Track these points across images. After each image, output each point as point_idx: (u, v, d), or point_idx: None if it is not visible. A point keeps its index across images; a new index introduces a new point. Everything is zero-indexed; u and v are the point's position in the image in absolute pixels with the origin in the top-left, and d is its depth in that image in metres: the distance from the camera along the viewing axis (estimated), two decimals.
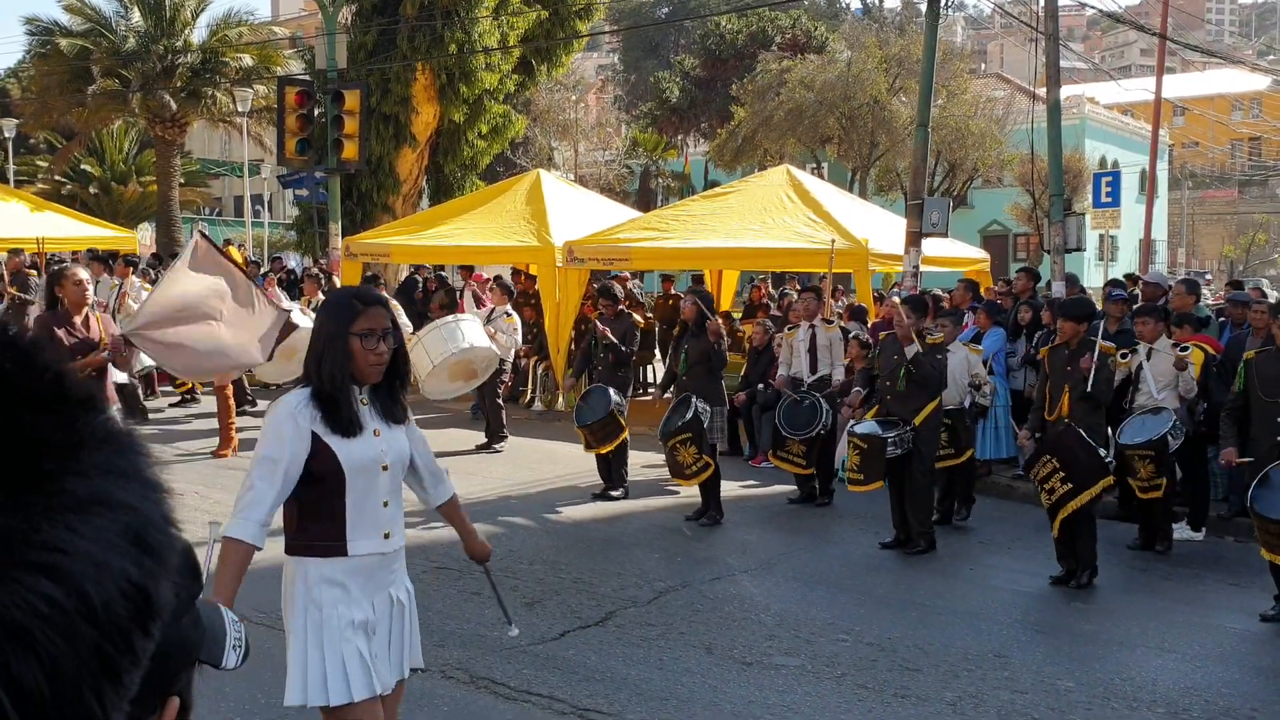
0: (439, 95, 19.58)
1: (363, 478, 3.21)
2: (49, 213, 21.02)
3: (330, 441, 3.17)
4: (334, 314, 3.24)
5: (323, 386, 3.18)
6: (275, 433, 3.17)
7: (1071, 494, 7.24)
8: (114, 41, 26.35)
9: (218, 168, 40.42)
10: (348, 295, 3.31)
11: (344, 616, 3.18)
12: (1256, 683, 5.90)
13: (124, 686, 0.46)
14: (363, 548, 3.22)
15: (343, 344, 3.16)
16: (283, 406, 3.21)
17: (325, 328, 3.22)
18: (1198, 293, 10.60)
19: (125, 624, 0.46)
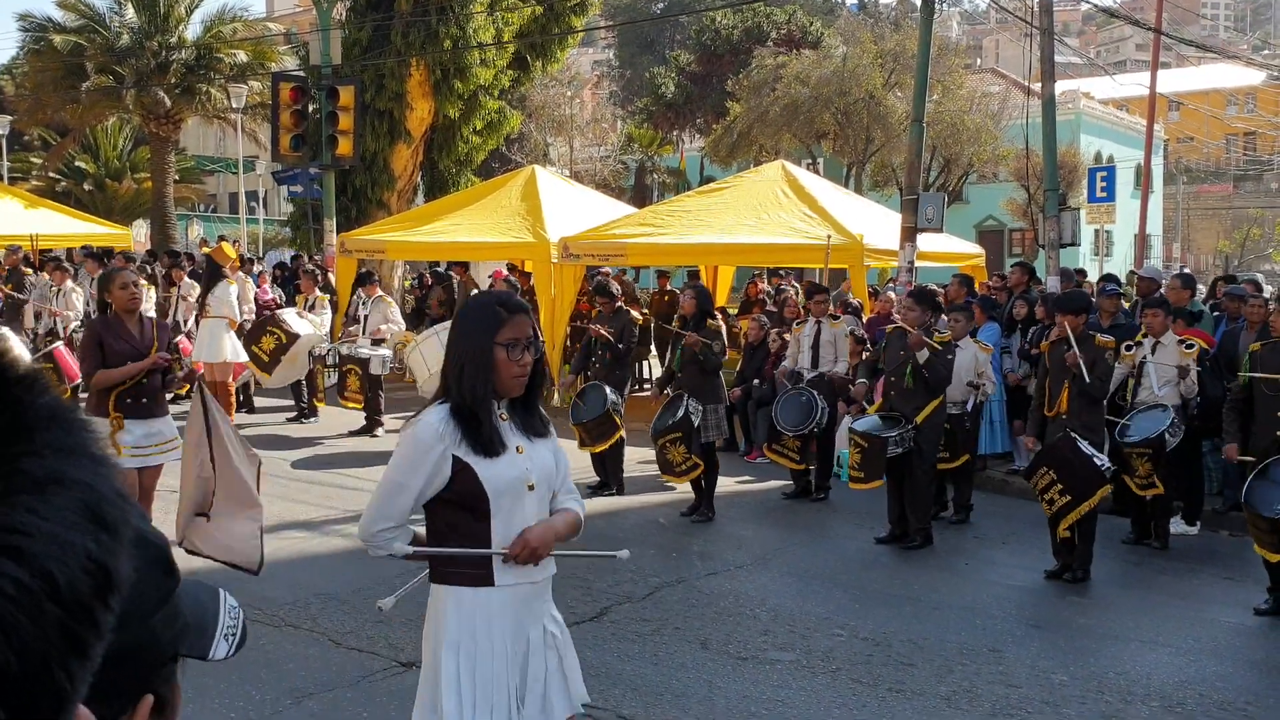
0: (434, 91, 19.55)
1: (508, 500, 2.95)
2: (43, 210, 21.00)
3: (472, 462, 2.91)
4: (476, 322, 2.97)
5: (464, 402, 2.92)
6: (410, 458, 2.93)
7: (1071, 505, 7.26)
8: (108, 38, 26.29)
9: (212, 164, 40.33)
10: (490, 302, 3.03)
11: (495, 651, 2.94)
12: (1251, 676, 5.92)
13: (89, 659, 0.47)
14: (511, 576, 2.97)
15: (487, 355, 2.92)
16: (422, 429, 2.93)
17: (467, 337, 2.96)
18: (1193, 287, 10.62)
19: (88, 600, 0.47)
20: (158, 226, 27.43)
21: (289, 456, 10.96)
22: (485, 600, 2.97)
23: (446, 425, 2.91)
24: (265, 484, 6.37)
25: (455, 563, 2.98)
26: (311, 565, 7.30)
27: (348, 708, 5.01)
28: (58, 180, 32.87)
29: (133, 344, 6.66)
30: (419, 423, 2.96)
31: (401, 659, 5.60)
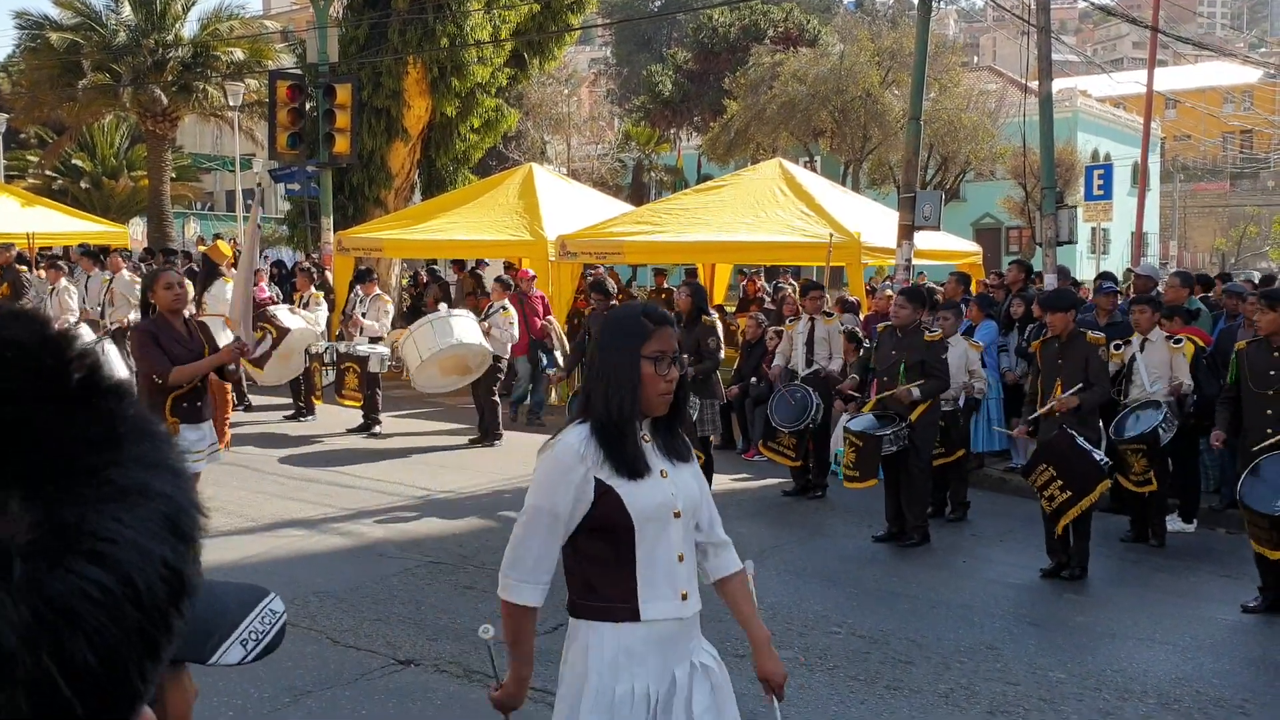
0: (431, 89, 19.52)
1: (653, 527, 2.72)
2: (40, 208, 20.97)
3: (615, 485, 2.68)
4: (622, 334, 2.76)
5: (608, 419, 2.70)
6: (551, 481, 2.71)
7: (1071, 501, 7.27)
8: (104, 36, 26.24)
9: (209, 162, 40.26)
10: (635, 313, 2.81)
11: (638, 694, 2.72)
12: (1247, 673, 5.93)
13: (160, 661, 0.50)
14: (657, 611, 2.74)
15: (634, 370, 2.70)
16: (561, 450, 2.72)
17: (612, 350, 2.74)
18: (1191, 285, 10.64)
19: (164, 605, 0.50)
20: (154, 224, 27.39)
21: (286, 454, 10.95)
22: (629, 637, 2.73)
23: (587, 445, 2.70)
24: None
25: (597, 594, 2.75)
26: (309, 564, 7.30)
27: (346, 706, 5.01)
28: (54, 178, 32.81)
29: (183, 345, 6.50)
30: (557, 444, 2.74)
31: (399, 657, 5.60)
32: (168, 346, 6.35)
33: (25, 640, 0.45)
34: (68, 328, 0.55)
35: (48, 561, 0.46)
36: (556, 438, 2.78)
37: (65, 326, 0.55)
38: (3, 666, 0.44)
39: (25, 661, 0.45)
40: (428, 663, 5.56)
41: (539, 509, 2.73)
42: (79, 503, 0.47)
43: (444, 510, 8.90)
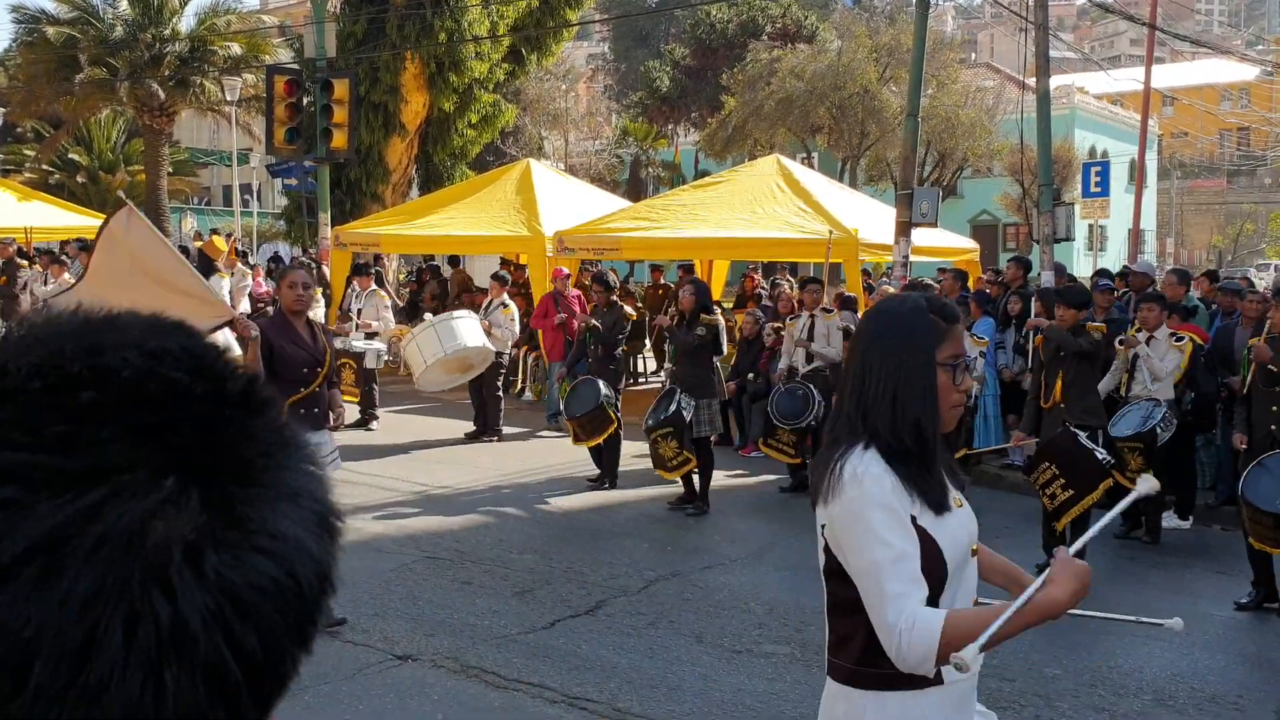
0: (428, 84, 19.51)
1: (958, 570, 2.24)
2: (36, 202, 20.93)
3: (926, 523, 2.19)
4: (910, 335, 2.26)
5: (901, 441, 2.20)
6: (883, 523, 2.15)
7: (1073, 500, 7.28)
8: (101, 30, 26.19)
9: (206, 157, 40.22)
10: (921, 308, 2.30)
11: None
12: (1242, 670, 5.95)
13: (309, 650, 0.55)
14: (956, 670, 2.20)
15: (929, 379, 2.23)
16: (873, 486, 2.16)
17: (900, 354, 2.24)
18: (1188, 283, 10.66)
19: (317, 598, 0.54)
20: (151, 219, 27.30)
21: None
22: (926, 706, 2.25)
23: (890, 475, 2.18)
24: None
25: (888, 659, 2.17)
26: None
27: (344, 701, 5.02)
28: (51, 172, 32.76)
29: (305, 348, 6.12)
30: (861, 480, 2.17)
31: (397, 652, 5.61)
32: (285, 349, 5.98)
33: (207, 626, 0.48)
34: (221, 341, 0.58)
35: (231, 554, 0.50)
36: (841, 473, 2.20)
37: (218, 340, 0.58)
38: (187, 648, 0.48)
39: (205, 645, 0.48)
40: (425, 658, 5.57)
41: (893, 555, 2.13)
42: (254, 501, 0.51)
43: (441, 506, 8.90)
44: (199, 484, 0.50)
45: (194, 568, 0.48)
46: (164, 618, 0.47)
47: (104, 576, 0.46)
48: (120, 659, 0.46)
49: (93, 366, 0.50)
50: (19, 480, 0.47)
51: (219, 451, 0.51)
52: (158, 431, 0.50)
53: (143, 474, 0.48)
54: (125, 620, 0.46)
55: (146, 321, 0.55)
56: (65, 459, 0.47)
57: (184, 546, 0.48)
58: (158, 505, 0.48)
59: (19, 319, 0.54)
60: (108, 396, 0.50)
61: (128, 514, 0.47)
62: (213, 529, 0.50)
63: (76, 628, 0.46)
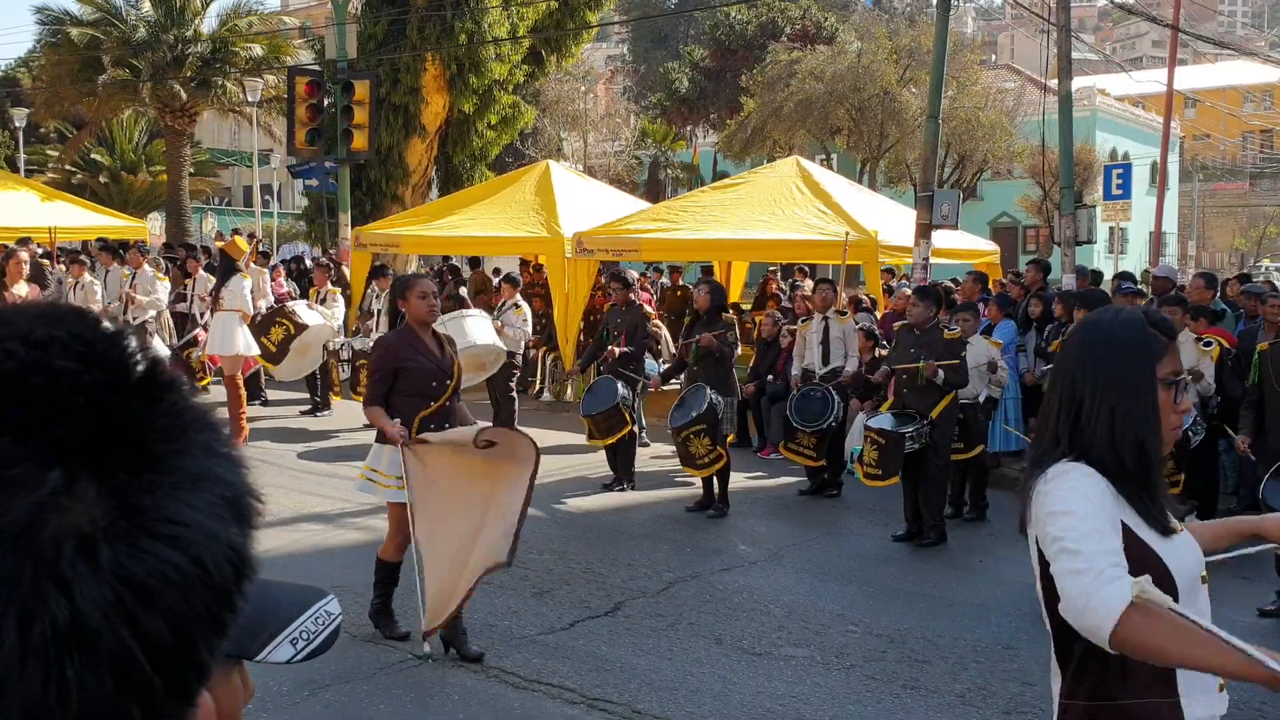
0: (448, 85, 19.57)
1: (1191, 596, 2.11)
2: (59, 202, 21.08)
3: (1149, 540, 2.07)
4: (1127, 349, 2.14)
5: (1123, 464, 2.08)
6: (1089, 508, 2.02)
7: None
8: (124, 31, 26.38)
9: (227, 157, 40.44)
10: (1139, 321, 2.18)
11: None
12: None
13: (225, 638, 0.54)
14: (1202, 708, 2.12)
15: (1150, 398, 2.11)
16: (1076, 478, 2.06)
17: (1116, 368, 2.12)
18: (1215, 286, 10.59)
19: (229, 584, 0.53)
20: (173, 219, 27.53)
21: (304, 449, 11.01)
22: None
23: (1104, 482, 2.07)
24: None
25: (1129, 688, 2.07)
26: (327, 558, 7.33)
27: (364, 699, 5.04)
28: (74, 173, 33.02)
29: (433, 360, 5.73)
30: (1067, 473, 2.08)
31: (417, 652, 5.62)
32: (411, 362, 5.62)
33: (108, 619, 0.48)
34: (122, 325, 0.57)
35: (127, 545, 0.49)
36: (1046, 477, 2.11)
37: (119, 324, 0.57)
38: (89, 644, 0.47)
39: (109, 639, 0.48)
40: (445, 658, 5.59)
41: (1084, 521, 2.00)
42: (152, 489, 0.50)
43: None
44: (92, 475, 0.49)
45: (89, 560, 0.47)
46: (60, 613, 0.46)
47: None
48: (15, 658, 0.45)
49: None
50: None
51: (113, 441, 0.50)
52: (43, 424, 0.48)
53: (28, 469, 0.47)
54: (19, 618, 0.46)
55: (38, 311, 0.53)
56: None
57: (77, 539, 0.47)
58: (46, 499, 0.47)
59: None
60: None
61: (12, 510, 0.46)
62: (108, 520, 0.49)
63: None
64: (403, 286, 5.99)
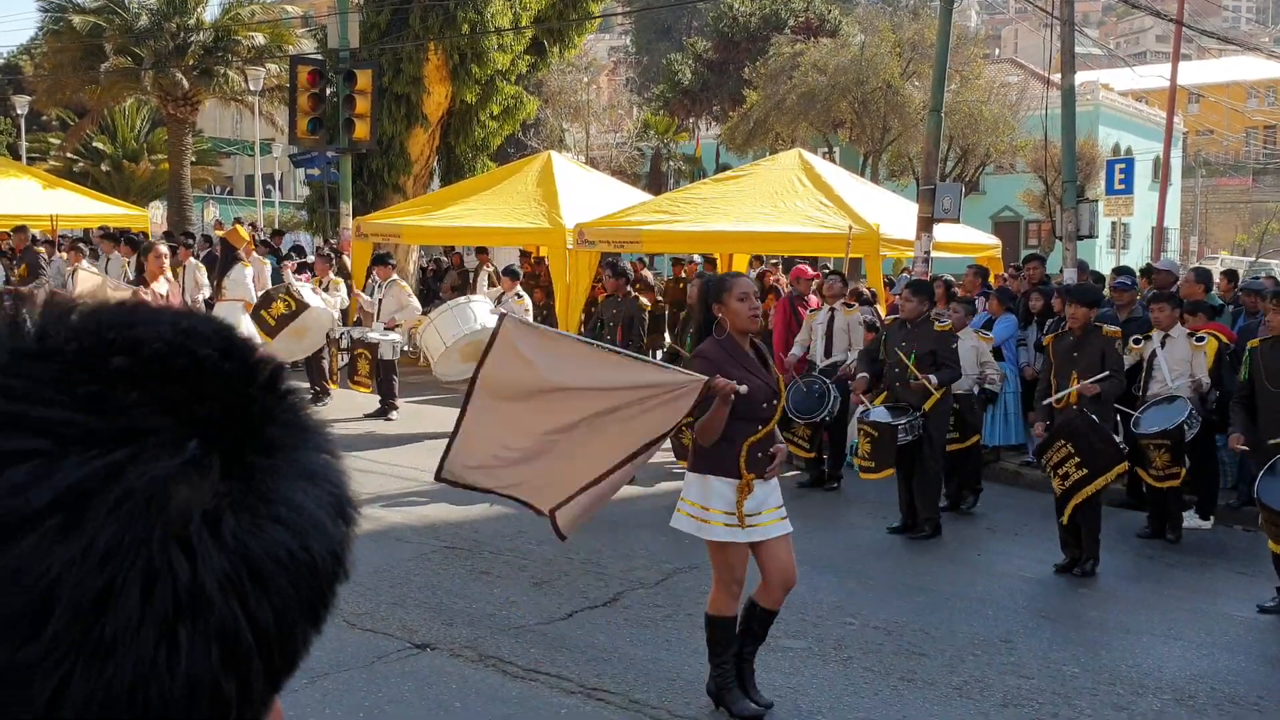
0: (451, 75, 19.54)
1: None
2: (61, 190, 21.10)
3: None
4: None
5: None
6: None
7: (1086, 479, 7.23)
8: (127, 19, 26.34)
9: (229, 146, 40.39)
10: None
11: None
12: (1262, 671, 5.92)
13: (318, 632, 0.56)
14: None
15: None
16: None
17: None
18: (1208, 282, 10.59)
19: (329, 579, 0.56)
20: (174, 208, 27.52)
21: None
22: None
23: None
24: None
25: None
26: None
27: (362, 688, 5.05)
28: (75, 161, 32.98)
29: (760, 376, 4.86)
30: None
31: (415, 640, 5.64)
32: (733, 374, 4.70)
33: (223, 591, 0.49)
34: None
35: (250, 522, 0.51)
36: None
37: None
38: (202, 612, 0.49)
39: (220, 611, 0.49)
40: (443, 647, 5.60)
41: None
42: (274, 474, 0.53)
43: (460, 496, 8.90)
44: (222, 453, 0.51)
45: (213, 532, 0.49)
46: (182, 578, 0.48)
47: (124, 533, 0.47)
48: (136, 615, 0.47)
49: (126, 336, 0.52)
50: (49, 434, 0.48)
51: (243, 425, 0.53)
52: (183, 402, 0.51)
53: (167, 438, 0.50)
54: (143, 577, 0.47)
55: (183, 310, 0.57)
56: (94, 418, 0.49)
57: (204, 510, 0.50)
58: (180, 469, 0.49)
59: (54, 295, 0.56)
60: (137, 364, 0.51)
61: (150, 474, 0.49)
62: (233, 496, 0.51)
63: (95, 580, 0.47)
64: (718, 288, 4.98)
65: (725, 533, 4.88)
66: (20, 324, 0.52)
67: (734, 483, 4.85)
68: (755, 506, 4.88)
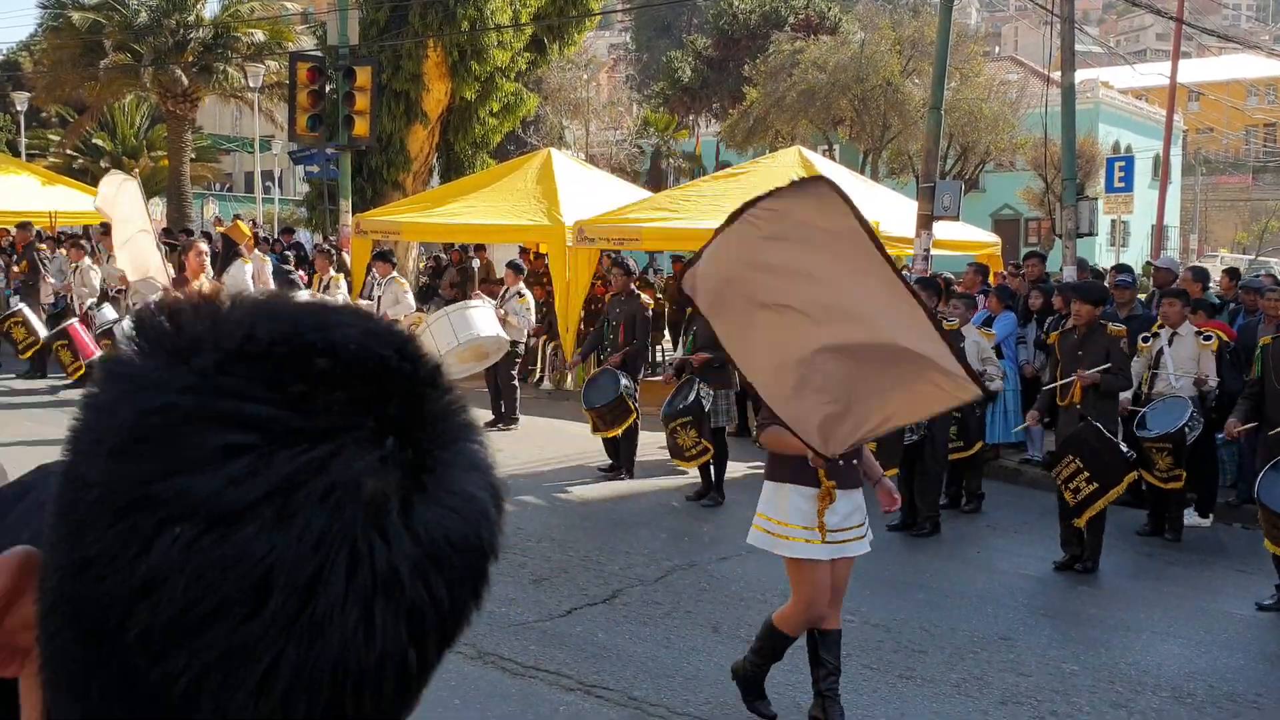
0: (450, 72, 19.53)
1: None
2: (60, 186, 21.07)
3: None
4: None
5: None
6: None
7: (1098, 493, 7.24)
8: (126, 15, 26.30)
9: (229, 143, 40.35)
10: None
11: None
12: (1260, 668, 5.92)
13: (479, 609, 0.60)
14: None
15: None
16: None
17: None
18: (1205, 281, 10.59)
19: (489, 563, 0.59)
20: (174, 205, 27.50)
21: None
22: None
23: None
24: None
25: None
26: None
27: None
28: (75, 157, 32.95)
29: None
30: None
31: None
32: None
33: (412, 573, 0.53)
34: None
35: (435, 509, 0.55)
36: None
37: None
38: (395, 594, 0.53)
39: (409, 591, 0.53)
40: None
41: None
42: (449, 466, 0.57)
43: None
44: (412, 448, 0.55)
45: (405, 520, 0.54)
46: (380, 562, 0.52)
47: (332, 521, 0.52)
48: (341, 596, 0.51)
49: (325, 339, 0.56)
50: (260, 430, 0.52)
51: (420, 420, 0.57)
52: (374, 399, 0.55)
53: (365, 435, 0.54)
54: (348, 561, 0.52)
55: (351, 308, 0.61)
56: (301, 416, 0.53)
57: (400, 498, 0.54)
58: (377, 462, 0.53)
59: (226, 295, 0.59)
60: (336, 366, 0.55)
61: (353, 467, 0.53)
62: (420, 487, 0.55)
63: (308, 565, 0.51)
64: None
65: (805, 549, 4.55)
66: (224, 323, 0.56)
67: (813, 492, 4.51)
68: (839, 520, 4.53)
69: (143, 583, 0.51)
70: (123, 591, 0.51)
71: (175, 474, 0.51)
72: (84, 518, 0.53)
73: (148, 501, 0.51)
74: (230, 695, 0.51)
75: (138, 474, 0.52)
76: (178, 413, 0.53)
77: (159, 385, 0.54)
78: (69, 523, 0.54)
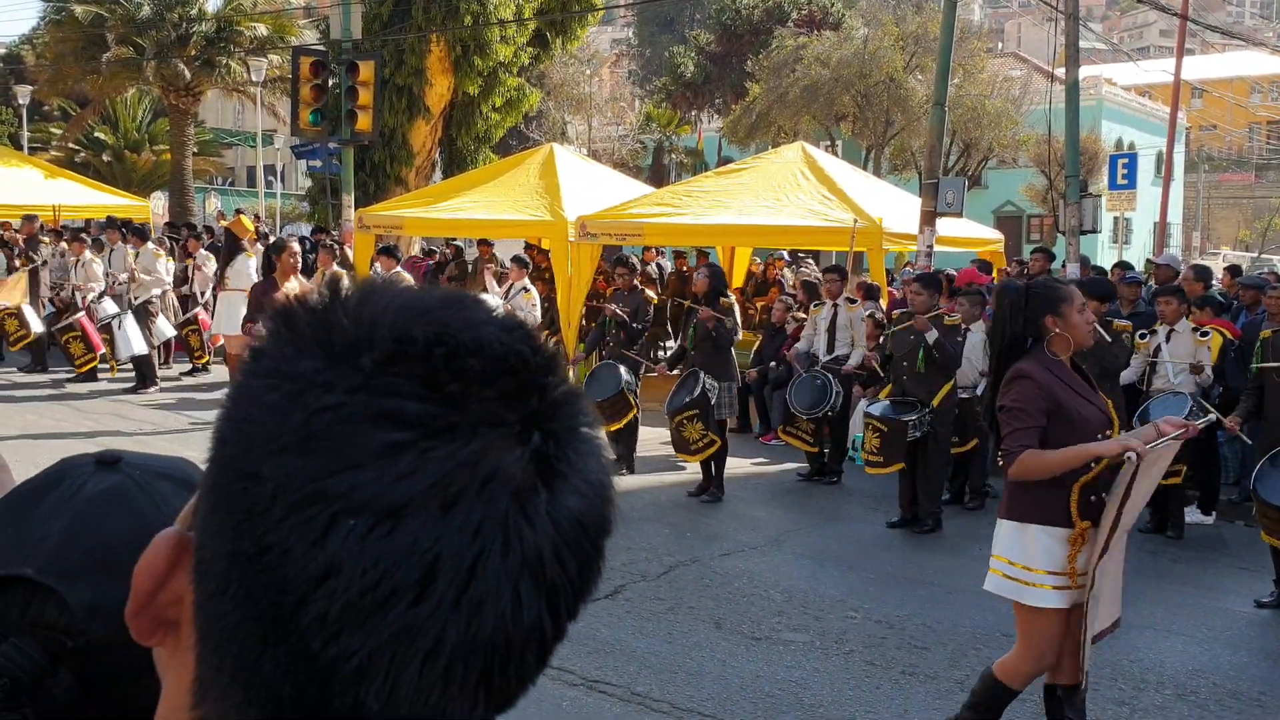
0: (453, 67, 19.52)
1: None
2: (62, 180, 21.06)
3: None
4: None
5: None
6: None
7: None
8: (129, 9, 26.27)
9: (231, 137, 40.34)
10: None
11: None
12: (1264, 666, 5.92)
13: (597, 585, 0.63)
14: None
15: None
16: None
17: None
18: (1207, 279, 10.59)
19: (606, 542, 0.63)
20: (176, 199, 27.49)
21: None
22: None
23: None
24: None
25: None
26: None
27: None
28: (77, 151, 32.92)
29: (1093, 401, 4.08)
30: None
31: None
32: (1068, 403, 3.98)
33: (552, 554, 0.57)
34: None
35: (570, 495, 0.59)
36: None
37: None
38: (538, 574, 0.57)
39: (549, 571, 0.57)
40: None
41: None
42: (579, 454, 0.61)
43: None
44: (553, 439, 0.59)
45: (548, 506, 0.58)
46: (528, 545, 0.56)
47: (489, 510, 0.56)
48: (496, 578, 0.55)
49: (473, 338, 0.59)
50: (420, 427, 0.56)
51: (551, 410, 0.60)
52: (517, 394, 0.59)
53: (513, 429, 0.57)
54: (502, 546, 0.56)
55: (476, 299, 0.64)
56: (455, 413, 0.57)
57: (545, 487, 0.58)
58: (524, 455, 0.57)
59: (358, 285, 0.62)
60: (486, 365, 0.58)
61: (504, 460, 0.56)
62: (559, 474, 0.59)
63: (470, 551, 0.55)
64: (1052, 297, 4.08)
65: (1057, 596, 4.05)
66: (378, 324, 0.59)
67: (1065, 534, 4.01)
68: (1087, 563, 4.01)
69: (321, 571, 0.54)
70: (300, 579, 0.55)
71: (346, 470, 0.55)
72: (256, 509, 0.56)
73: (321, 496, 0.55)
74: (399, 672, 0.55)
75: (310, 470, 0.55)
76: (346, 412, 0.56)
77: (328, 386, 0.57)
78: (237, 512, 0.57)
